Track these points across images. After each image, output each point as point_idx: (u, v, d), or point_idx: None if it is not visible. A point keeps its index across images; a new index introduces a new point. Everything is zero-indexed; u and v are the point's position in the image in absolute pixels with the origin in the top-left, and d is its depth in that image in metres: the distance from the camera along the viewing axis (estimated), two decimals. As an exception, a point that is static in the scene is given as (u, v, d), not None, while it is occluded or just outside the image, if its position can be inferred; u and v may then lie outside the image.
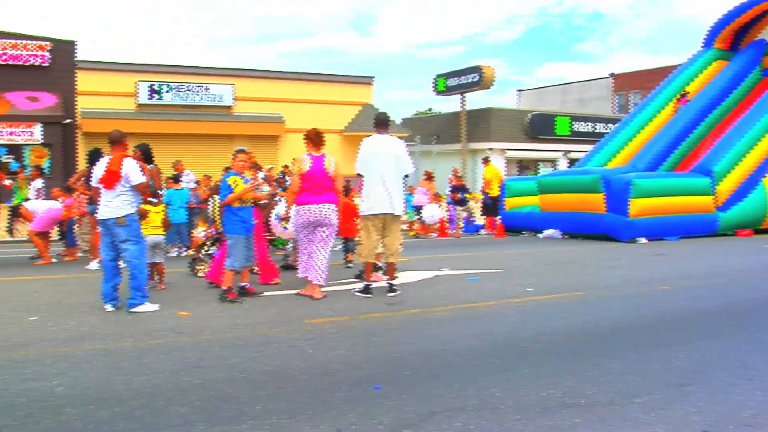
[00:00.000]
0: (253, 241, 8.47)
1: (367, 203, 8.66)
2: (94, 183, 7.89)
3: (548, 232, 17.79)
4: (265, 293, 8.66)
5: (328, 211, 8.35)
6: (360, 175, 8.74)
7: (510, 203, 19.76)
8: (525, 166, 41.42)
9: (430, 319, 7.31)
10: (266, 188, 14.05)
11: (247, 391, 4.73)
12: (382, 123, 8.94)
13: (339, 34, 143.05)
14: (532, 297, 8.55)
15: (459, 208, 18.99)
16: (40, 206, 12.70)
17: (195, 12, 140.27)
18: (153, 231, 8.83)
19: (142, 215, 8.17)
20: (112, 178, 7.55)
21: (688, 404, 4.40)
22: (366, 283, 8.66)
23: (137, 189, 7.72)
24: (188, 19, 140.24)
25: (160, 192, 9.73)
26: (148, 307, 7.63)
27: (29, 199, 14.02)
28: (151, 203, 8.75)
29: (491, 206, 19.39)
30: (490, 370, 5.28)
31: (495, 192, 19.27)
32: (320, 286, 8.40)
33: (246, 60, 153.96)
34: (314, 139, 8.52)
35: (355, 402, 4.49)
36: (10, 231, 13.59)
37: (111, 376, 5.10)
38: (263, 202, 10.00)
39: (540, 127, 40.92)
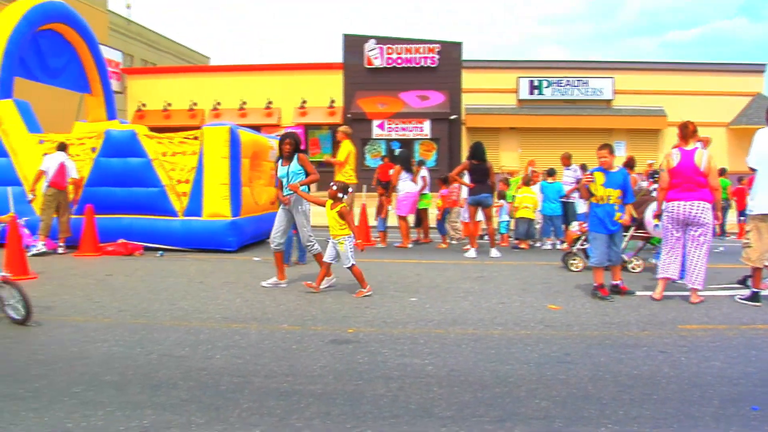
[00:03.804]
0: (619, 240, 8.14)
1: (758, 201, 7.77)
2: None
3: None
4: (638, 293, 8.26)
5: (700, 209, 7.67)
6: (752, 170, 7.90)
7: None
8: None
9: (831, 336, 6.35)
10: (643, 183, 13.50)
11: (610, 392, 4.56)
12: None
13: (728, 21, 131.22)
14: None
15: None
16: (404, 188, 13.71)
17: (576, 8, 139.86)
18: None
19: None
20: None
21: None
22: (754, 290, 7.79)
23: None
24: (568, 17, 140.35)
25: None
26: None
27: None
28: (338, 199, 8.49)
29: None
30: None
31: None
32: (697, 290, 7.77)
33: (626, 52, 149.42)
34: (683, 131, 7.93)
35: (727, 421, 4.08)
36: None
37: (477, 362, 5.29)
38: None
39: None
